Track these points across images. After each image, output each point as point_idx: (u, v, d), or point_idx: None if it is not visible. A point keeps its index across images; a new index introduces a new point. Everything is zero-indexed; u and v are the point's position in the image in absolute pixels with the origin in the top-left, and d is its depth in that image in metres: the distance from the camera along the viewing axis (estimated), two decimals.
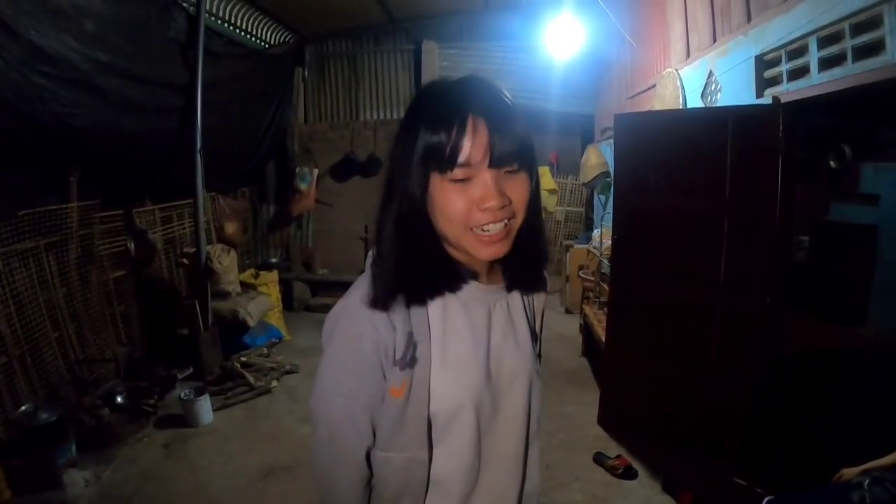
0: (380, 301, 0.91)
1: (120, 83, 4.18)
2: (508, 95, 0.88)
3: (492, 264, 1.01)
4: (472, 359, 0.97)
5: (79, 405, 4.00)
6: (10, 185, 3.71)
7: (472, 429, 0.97)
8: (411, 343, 0.92)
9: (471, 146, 0.81)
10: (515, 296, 1.08)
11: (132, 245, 4.98)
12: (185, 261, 5.70)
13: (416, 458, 0.95)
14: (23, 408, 3.63)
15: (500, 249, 0.89)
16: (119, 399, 4.25)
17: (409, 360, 0.92)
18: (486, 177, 0.83)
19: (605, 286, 4.66)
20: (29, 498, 3.21)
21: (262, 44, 7.19)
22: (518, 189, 0.86)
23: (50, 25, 3.46)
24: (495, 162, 0.83)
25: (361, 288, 0.95)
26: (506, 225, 0.87)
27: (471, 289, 0.98)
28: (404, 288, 0.92)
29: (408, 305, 0.93)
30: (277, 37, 7.49)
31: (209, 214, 6.35)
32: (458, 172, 0.82)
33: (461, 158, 0.82)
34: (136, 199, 5.22)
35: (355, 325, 0.92)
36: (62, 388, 4.11)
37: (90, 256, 4.57)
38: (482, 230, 0.86)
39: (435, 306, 0.95)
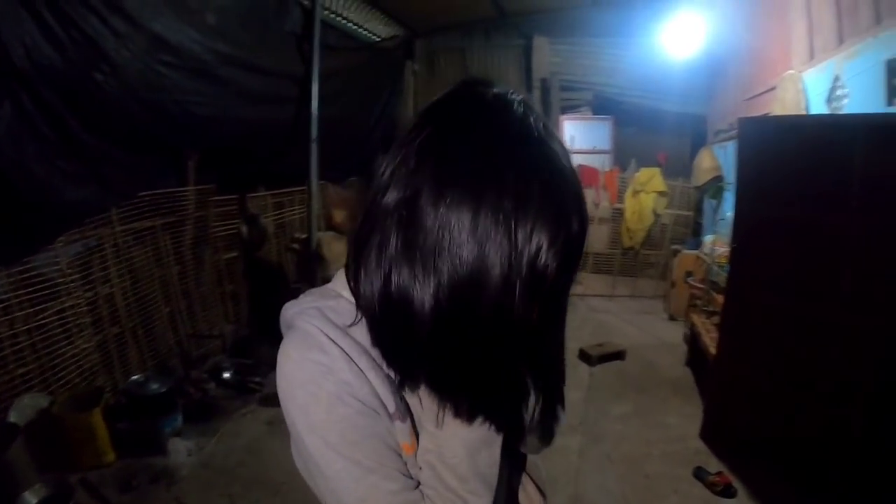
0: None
1: (239, 73, 4.39)
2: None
3: None
4: None
5: (186, 378, 4.24)
6: (131, 168, 3.94)
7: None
8: (394, 387, 0.71)
9: None
10: None
11: (245, 228, 5.22)
12: (295, 246, 5.89)
13: None
14: (134, 377, 3.86)
15: None
16: (226, 375, 4.46)
17: (404, 411, 0.71)
18: None
19: (715, 295, 4.45)
20: (132, 461, 3.42)
21: (374, 38, 7.31)
22: None
23: (173, 18, 3.67)
24: None
25: (307, 323, 0.70)
26: None
27: None
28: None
29: None
30: (388, 31, 7.58)
31: (319, 202, 6.52)
32: None
33: None
34: (250, 184, 5.45)
35: (323, 386, 0.67)
36: (171, 361, 4.38)
37: (204, 237, 4.83)
38: None
39: None
